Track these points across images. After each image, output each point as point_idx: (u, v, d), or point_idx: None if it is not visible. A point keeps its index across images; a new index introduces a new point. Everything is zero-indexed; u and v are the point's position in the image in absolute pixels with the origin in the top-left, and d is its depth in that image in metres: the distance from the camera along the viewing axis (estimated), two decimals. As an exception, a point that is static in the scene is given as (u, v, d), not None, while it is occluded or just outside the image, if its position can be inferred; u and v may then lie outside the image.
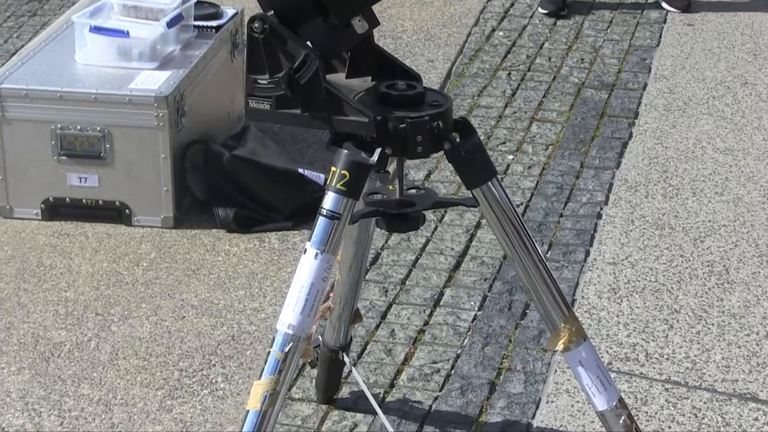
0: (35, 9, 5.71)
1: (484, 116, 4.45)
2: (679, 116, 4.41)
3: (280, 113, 2.09)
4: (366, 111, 2.06)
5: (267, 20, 2.04)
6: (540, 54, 4.97)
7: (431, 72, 4.75)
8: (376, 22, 2.14)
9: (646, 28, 5.20)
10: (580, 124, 4.40)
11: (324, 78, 2.05)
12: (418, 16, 5.27)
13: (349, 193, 2.08)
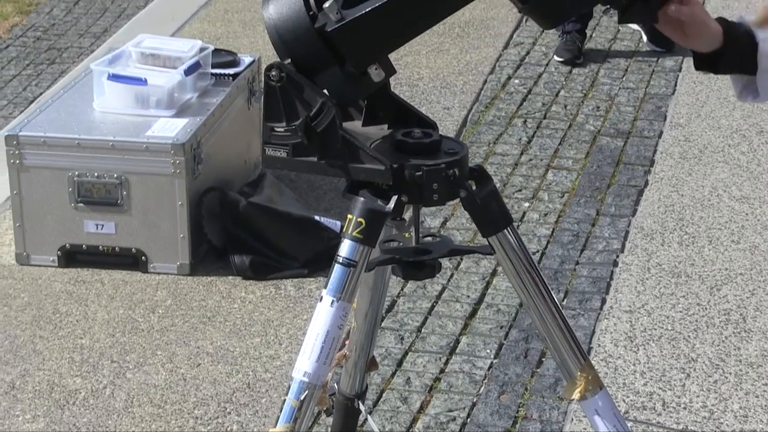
0: (54, 57, 5.76)
1: (500, 164, 4.45)
2: (694, 164, 4.41)
3: (296, 161, 2.10)
4: (382, 159, 2.06)
5: (284, 68, 2.05)
6: (556, 102, 4.98)
7: (447, 119, 4.77)
8: (393, 70, 2.15)
9: (662, 76, 5.22)
10: (596, 171, 4.40)
11: (340, 126, 2.06)
12: (435, 63, 5.30)
13: (366, 240, 2.08)
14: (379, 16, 2.01)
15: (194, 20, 5.83)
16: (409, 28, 2.06)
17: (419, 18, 2.05)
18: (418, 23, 2.06)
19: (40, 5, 6.54)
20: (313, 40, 2.03)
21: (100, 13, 6.42)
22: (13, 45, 5.95)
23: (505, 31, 5.65)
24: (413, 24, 2.05)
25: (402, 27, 2.04)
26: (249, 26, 5.70)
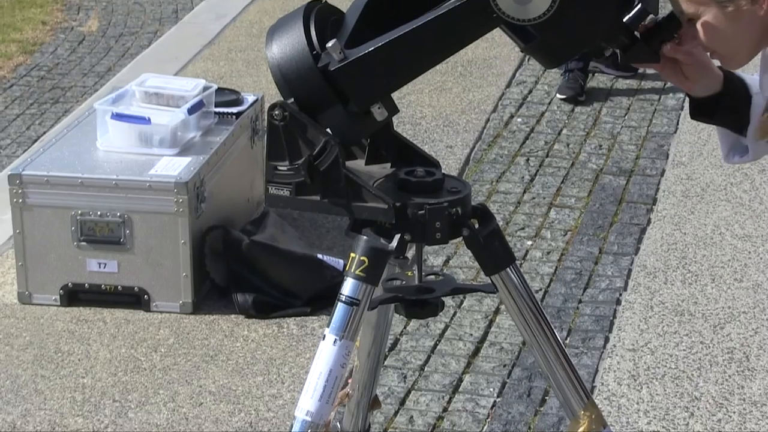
0: (58, 96, 5.78)
1: (502, 202, 4.46)
2: (697, 202, 4.41)
3: (299, 200, 2.10)
4: (385, 197, 2.06)
5: (287, 108, 2.06)
6: (558, 140, 4.99)
7: (450, 158, 4.78)
8: (396, 109, 2.16)
9: (664, 114, 5.23)
10: (599, 210, 4.40)
11: (343, 165, 2.06)
12: (437, 102, 5.31)
13: (368, 279, 2.08)
14: (381, 55, 2.02)
15: (198, 59, 5.86)
16: (411, 68, 2.07)
17: (421, 58, 2.06)
18: (420, 63, 2.07)
19: (44, 45, 6.57)
20: (316, 80, 2.04)
21: (104, 53, 6.45)
22: (17, 84, 5.97)
23: (507, 70, 5.67)
24: (415, 63, 2.06)
25: (404, 66, 2.05)
26: (252, 65, 5.73)
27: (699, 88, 2.14)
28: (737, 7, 1.93)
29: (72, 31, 6.83)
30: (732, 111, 2.15)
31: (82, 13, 7.23)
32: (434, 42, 2.03)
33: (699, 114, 2.18)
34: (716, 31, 1.97)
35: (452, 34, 2.02)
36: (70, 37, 6.72)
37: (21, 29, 6.81)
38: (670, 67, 2.09)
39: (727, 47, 2.01)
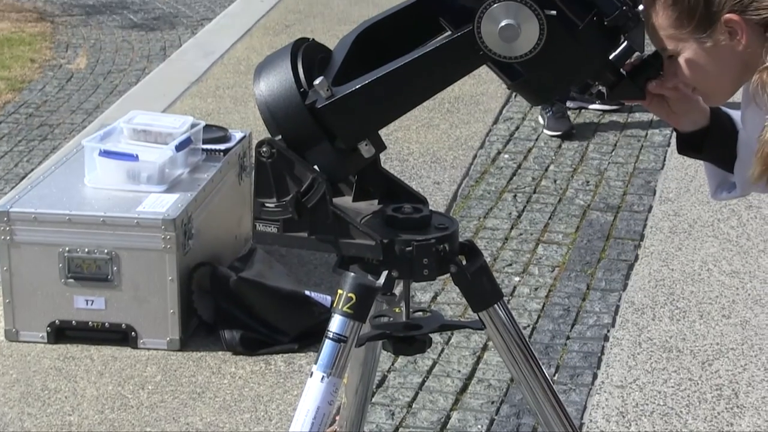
0: (46, 133, 5.78)
1: (490, 238, 4.46)
2: (684, 238, 4.42)
3: (287, 236, 2.10)
4: (373, 234, 2.07)
5: (275, 144, 2.06)
6: (545, 176, 5.00)
7: (437, 194, 4.79)
8: (383, 146, 2.17)
9: (651, 151, 5.25)
10: (586, 246, 4.41)
11: (331, 201, 2.07)
12: (425, 138, 5.33)
13: (356, 316, 2.08)
14: (368, 92, 2.03)
15: (186, 96, 5.87)
16: (398, 105, 2.07)
17: (408, 95, 2.07)
18: (407, 100, 2.08)
19: (33, 82, 6.58)
20: (303, 117, 2.05)
21: (92, 90, 6.46)
22: (5, 122, 5.97)
23: (494, 106, 5.69)
24: (403, 101, 2.07)
25: (391, 103, 2.06)
26: (240, 102, 5.74)
27: (686, 123, 2.15)
28: (715, 42, 1.95)
29: (60, 69, 6.84)
30: (719, 146, 2.16)
31: (71, 50, 7.24)
32: (421, 79, 2.04)
33: (686, 149, 2.20)
34: (696, 68, 1.99)
35: (439, 72, 2.04)
36: (58, 75, 6.73)
37: (9, 67, 6.82)
38: (657, 102, 2.11)
39: (708, 83, 2.02)
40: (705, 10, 1.94)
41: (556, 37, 1.97)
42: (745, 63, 1.96)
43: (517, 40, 1.96)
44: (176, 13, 8.47)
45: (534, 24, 1.95)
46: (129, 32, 7.80)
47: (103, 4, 8.63)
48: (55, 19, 8.10)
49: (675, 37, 1.98)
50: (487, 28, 1.96)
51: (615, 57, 2.00)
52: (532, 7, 1.94)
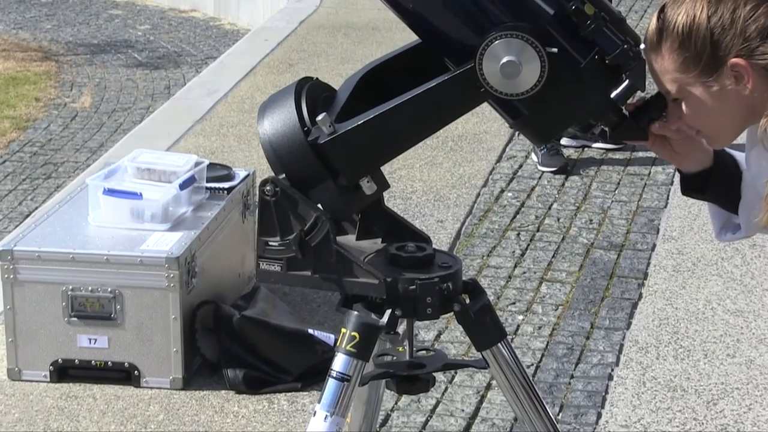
0: (50, 172, 5.80)
1: (493, 276, 4.46)
2: (688, 277, 4.42)
3: (290, 275, 2.11)
4: (376, 273, 2.07)
5: (278, 183, 2.07)
6: (549, 214, 5.01)
7: (441, 232, 4.79)
8: (386, 184, 2.17)
9: (654, 189, 5.25)
10: (590, 284, 4.40)
11: (334, 240, 2.07)
12: (428, 177, 5.33)
13: (359, 354, 2.08)
14: (370, 128, 2.04)
15: (190, 134, 5.88)
16: (400, 141, 2.08)
17: (410, 131, 2.07)
18: (409, 136, 2.08)
19: (37, 121, 6.61)
20: (306, 155, 2.06)
21: (96, 128, 6.49)
22: (10, 160, 5.99)
23: (497, 144, 5.71)
24: (404, 137, 2.08)
25: (393, 140, 2.07)
26: (244, 140, 5.75)
27: (689, 164, 2.15)
28: (721, 86, 1.95)
29: (65, 108, 6.88)
30: (723, 187, 2.16)
31: (76, 89, 7.28)
32: (423, 115, 2.04)
33: (690, 190, 2.19)
34: (701, 111, 1.99)
35: (441, 108, 2.04)
36: (63, 113, 6.77)
37: (15, 106, 6.86)
38: (660, 143, 2.11)
39: (713, 126, 2.02)
40: (711, 55, 1.94)
41: (557, 75, 1.97)
42: (751, 107, 1.96)
43: (518, 77, 1.97)
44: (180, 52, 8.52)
45: (535, 61, 1.96)
46: (133, 71, 7.84)
47: (108, 43, 8.69)
48: (60, 58, 8.15)
49: (680, 80, 1.98)
50: (488, 64, 1.97)
51: (617, 96, 2.00)
52: (534, 45, 1.95)
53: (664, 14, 1.98)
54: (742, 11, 1.92)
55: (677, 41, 1.95)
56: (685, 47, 1.95)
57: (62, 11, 9.99)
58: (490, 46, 1.96)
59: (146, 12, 10.05)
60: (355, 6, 8.41)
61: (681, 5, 1.96)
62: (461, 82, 2.00)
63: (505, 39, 1.96)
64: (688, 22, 1.94)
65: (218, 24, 9.66)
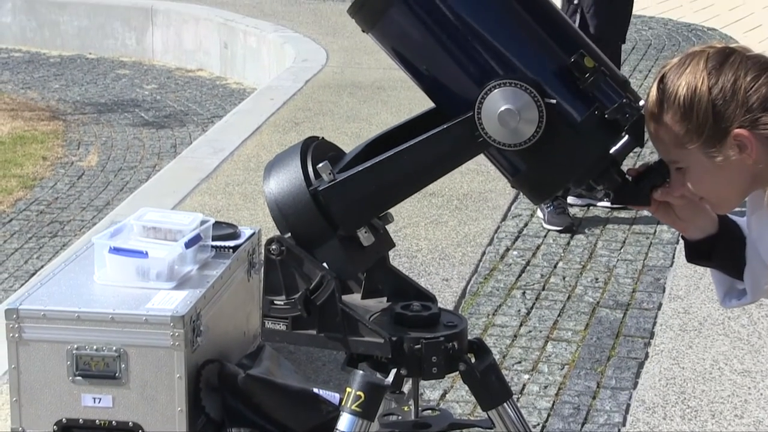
0: (56, 230, 5.81)
1: (499, 335, 4.45)
2: (695, 336, 4.40)
3: (295, 334, 2.11)
4: (381, 332, 2.07)
5: (284, 242, 2.08)
6: (554, 273, 5.00)
7: (446, 291, 4.78)
8: (392, 243, 2.18)
9: (659, 248, 5.25)
10: (596, 343, 4.39)
11: (340, 299, 2.07)
12: (433, 235, 5.34)
13: (365, 414, 2.07)
14: (368, 176, 2.05)
15: (195, 193, 5.90)
16: (397, 191, 2.09)
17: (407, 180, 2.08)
18: (406, 186, 2.09)
19: (44, 179, 6.63)
20: (312, 213, 2.06)
21: (102, 187, 6.50)
22: (17, 219, 6.01)
23: (503, 203, 5.72)
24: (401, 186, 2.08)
25: (391, 189, 2.07)
26: (249, 199, 5.77)
27: (693, 230, 2.14)
28: (725, 156, 1.95)
29: (72, 166, 6.90)
30: (729, 253, 2.14)
31: (82, 148, 7.31)
32: (421, 164, 2.05)
33: (695, 257, 2.18)
34: (704, 180, 1.98)
35: (439, 157, 2.04)
36: (69, 172, 6.79)
37: (22, 164, 6.89)
38: (663, 209, 2.10)
39: (716, 194, 2.02)
40: (714, 126, 1.93)
41: (555, 127, 1.97)
42: (755, 175, 1.96)
43: (516, 126, 1.97)
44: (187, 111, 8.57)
45: (533, 111, 1.96)
46: (140, 130, 7.88)
47: (115, 103, 8.74)
48: (67, 118, 8.20)
49: (683, 150, 1.97)
50: (487, 112, 1.98)
51: (616, 151, 2.00)
52: (532, 94, 1.96)
53: (663, 84, 1.98)
54: (743, 82, 1.92)
55: (679, 113, 1.95)
56: (688, 119, 1.94)
57: (70, 71, 10.07)
58: (489, 95, 1.97)
59: (153, 71, 10.12)
60: (360, 65, 8.46)
61: (681, 76, 1.96)
62: (460, 130, 2.01)
63: (504, 88, 1.97)
64: (689, 94, 1.94)
65: (224, 83, 9.72)
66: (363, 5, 2.03)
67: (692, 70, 1.94)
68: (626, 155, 2.02)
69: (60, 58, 10.59)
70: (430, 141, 2.03)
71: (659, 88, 1.98)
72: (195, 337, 3.71)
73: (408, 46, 2.06)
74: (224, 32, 10.11)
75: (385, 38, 2.07)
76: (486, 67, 1.99)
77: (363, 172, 2.05)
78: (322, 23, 9.89)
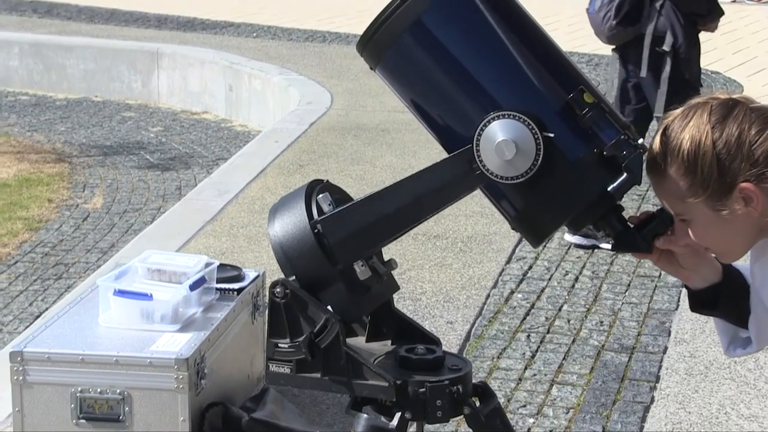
0: (61, 272, 5.81)
1: (504, 378, 4.43)
2: (701, 381, 4.38)
3: (300, 377, 2.10)
4: (386, 375, 2.06)
5: (288, 285, 2.08)
6: (559, 316, 4.99)
7: (450, 333, 4.77)
8: (396, 286, 2.18)
9: (664, 291, 5.24)
10: (601, 387, 4.37)
11: (344, 342, 2.07)
12: (437, 278, 5.33)
13: (369, 458, 2.06)
14: (366, 207, 2.06)
15: (200, 235, 5.91)
16: (394, 224, 2.09)
17: (404, 213, 2.08)
18: (403, 219, 2.09)
19: (49, 222, 6.64)
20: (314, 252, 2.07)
21: (107, 229, 6.51)
22: (22, 261, 6.01)
23: (507, 246, 5.71)
24: (398, 219, 2.09)
25: (388, 221, 2.08)
26: (254, 241, 5.77)
27: (697, 279, 2.12)
28: (730, 210, 1.93)
29: (77, 208, 6.92)
30: (733, 301, 2.12)
31: (88, 190, 7.33)
32: (418, 195, 2.05)
33: (700, 306, 2.15)
34: (710, 232, 1.97)
35: (436, 189, 2.05)
36: (75, 214, 6.80)
37: (27, 207, 6.90)
38: (666, 258, 2.09)
39: (721, 245, 2.00)
40: (719, 180, 1.92)
41: (552, 161, 1.98)
42: (761, 227, 1.95)
43: (513, 158, 1.97)
44: (192, 153, 8.59)
45: (531, 144, 1.97)
46: (145, 172, 7.90)
47: (120, 145, 8.77)
48: (73, 160, 8.22)
49: (688, 203, 1.96)
50: (485, 144, 1.98)
51: (613, 189, 2.00)
52: (531, 127, 1.96)
53: (666, 137, 1.97)
54: (748, 135, 1.91)
55: (683, 167, 1.94)
56: (692, 173, 1.93)
57: (76, 114, 10.11)
58: (488, 126, 1.98)
59: (159, 114, 10.16)
60: (364, 108, 8.49)
61: (684, 129, 1.94)
62: (458, 162, 2.01)
63: (503, 120, 1.97)
64: (693, 149, 1.92)
65: (229, 125, 9.75)
66: (370, 40, 2.05)
67: (696, 123, 1.93)
68: (624, 193, 2.02)
69: (66, 101, 10.64)
70: (429, 172, 2.04)
71: (662, 140, 1.96)
72: (199, 379, 3.70)
73: (412, 82, 2.07)
74: (229, 75, 10.16)
75: (391, 74, 2.09)
76: (486, 101, 2.00)
77: (362, 202, 2.06)
78: (327, 66, 9.93)
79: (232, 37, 11.88)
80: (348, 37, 11.45)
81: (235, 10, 13.61)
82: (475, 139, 1.98)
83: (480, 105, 2.01)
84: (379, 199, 2.05)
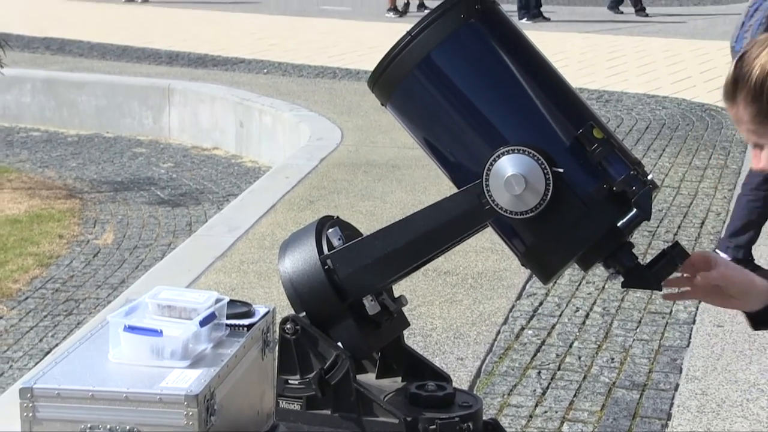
0: (71, 308, 5.82)
1: (514, 415, 4.41)
2: (713, 418, 4.36)
3: (310, 414, 2.10)
4: (396, 412, 2.06)
5: (299, 321, 2.08)
6: (570, 353, 4.98)
7: (461, 370, 4.76)
8: (406, 323, 2.18)
9: (675, 328, 5.22)
10: (612, 424, 4.35)
11: (354, 379, 2.07)
12: (448, 314, 5.32)
13: (379, 495, 2.05)
14: (375, 242, 2.07)
15: (210, 271, 5.91)
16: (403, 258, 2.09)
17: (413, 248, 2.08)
18: (412, 254, 2.09)
19: (60, 257, 6.65)
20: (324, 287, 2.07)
21: (118, 265, 6.52)
22: (32, 297, 6.02)
23: (517, 282, 5.71)
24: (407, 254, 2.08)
25: (397, 256, 2.08)
26: (264, 277, 5.77)
27: (750, 303, 2.11)
28: None
29: (88, 244, 6.93)
30: None
31: (99, 226, 7.34)
32: (428, 230, 2.05)
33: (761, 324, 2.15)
34: None
35: (445, 224, 2.05)
36: (85, 250, 6.81)
37: (38, 243, 6.92)
38: (713, 293, 2.08)
39: None
40: None
41: (562, 196, 1.98)
42: None
43: (522, 193, 1.97)
44: (202, 189, 8.62)
45: (540, 179, 1.97)
46: (156, 208, 7.92)
47: (131, 181, 8.80)
48: (84, 196, 8.25)
49: (756, 131, 1.98)
50: (494, 178, 1.98)
51: (623, 224, 2.00)
52: (540, 162, 1.97)
53: (741, 62, 1.99)
54: None
55: (750, 94, 1.96)
56: (758, 101, 1.95)
57: (87, 150, 10.15)
58: (498, 161, 1.98)
59: (169, 150, 10.20)
60: (375, 144, 8.51)
61: (758, 57, 1.97)
62: (467, 197, 2.02)
63: (512, 154, 1.98)
64: (761, 76, 1.95)
65: (240, 161, 9.78)
66: (380, 76, 2.06)
67: None
68: (634, 229, 2.02)
69: (78, 137, 10.68)
70: (439, 207, 2.04)
71: (737, 66, 1.99)
72: (209, 416, 3.69)
73: (422, 116, 2.08)
74: (240, 111, 10.20)
75: (401, 109, 2.10)
76: (495, 136, 2.01)
77: (371, 237, 2.07)
78: (337, 102, 9.96)
79: (243, 73, 11.93)
80: (358, 73, 11.49)
81: (245, 46, 13.68)
82: (484, 174, 1.98)
83: (489, 140, 2.01)
84: (389, 233, 2.06)
